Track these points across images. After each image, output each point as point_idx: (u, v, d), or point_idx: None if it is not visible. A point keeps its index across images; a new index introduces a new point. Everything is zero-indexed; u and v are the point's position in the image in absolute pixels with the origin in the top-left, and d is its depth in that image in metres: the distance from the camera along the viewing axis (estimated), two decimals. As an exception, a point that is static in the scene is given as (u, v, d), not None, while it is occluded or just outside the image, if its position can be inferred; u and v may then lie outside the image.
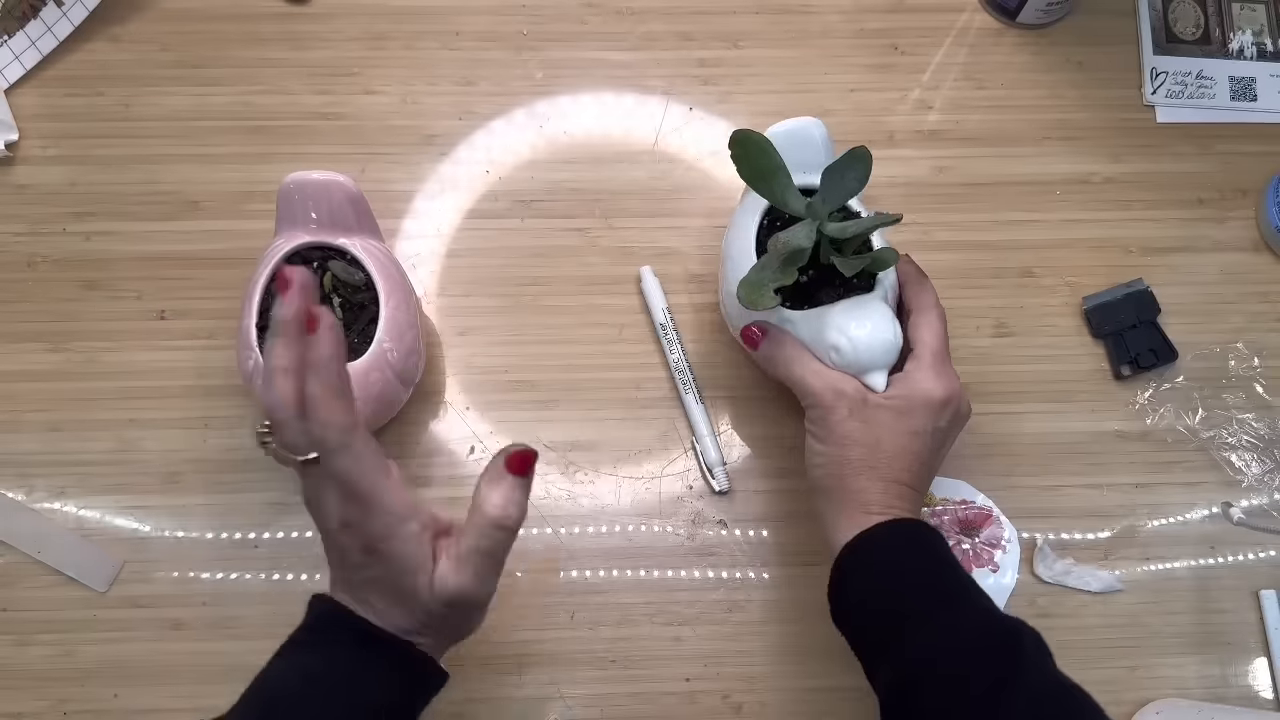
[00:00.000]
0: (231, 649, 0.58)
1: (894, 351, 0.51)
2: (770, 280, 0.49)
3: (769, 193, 0.52)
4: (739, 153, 0.51)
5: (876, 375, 0.51)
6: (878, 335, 0.51)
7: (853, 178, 0.51)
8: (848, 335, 0.51)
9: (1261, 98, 0.70)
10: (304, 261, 0.56)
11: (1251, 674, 0.60)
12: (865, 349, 0.51)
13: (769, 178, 0.52)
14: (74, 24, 0.68)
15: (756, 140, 0.51)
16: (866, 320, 0.51)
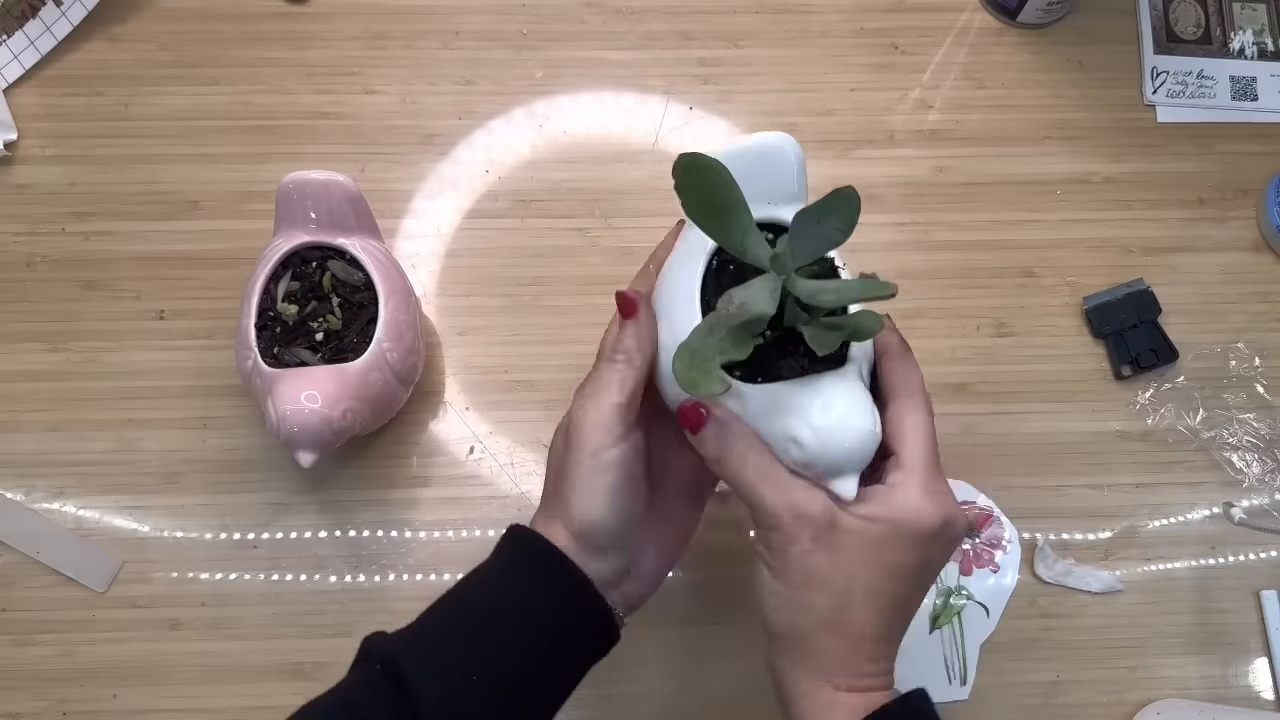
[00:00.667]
0: (230, 649, 0.58)
1: (869, 448, 0.39)
2: (717, 352, 0.38)
3: (723, 236, 0.40)
4: (684, 181, 0.39)
5: (846, 481, 0.39)
6: (850, 426, 0.38)
7: (835, 225, 0.39)
8: (811, 424, 0.38)
9: (1262, 97, 0.70)
10: (303, 261, 0.56)
11: (1252, 674, 0.60)
12: (834, 445, 0.38)
13: (724, 215, 0.40)
14: (73, 23, 0.68)
15: (709, 167, 0.39)
16: (836, 405, 0.38)
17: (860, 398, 0.39)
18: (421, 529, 0.60)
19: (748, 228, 0.40)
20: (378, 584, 0.59)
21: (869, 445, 0.39)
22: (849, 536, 0.39)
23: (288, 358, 0.55)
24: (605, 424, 0.41)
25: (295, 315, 0.55)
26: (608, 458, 0.41)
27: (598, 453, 0.41)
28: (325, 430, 0.52)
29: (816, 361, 0.40)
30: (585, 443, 0.41)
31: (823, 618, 0.39)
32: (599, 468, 0.41)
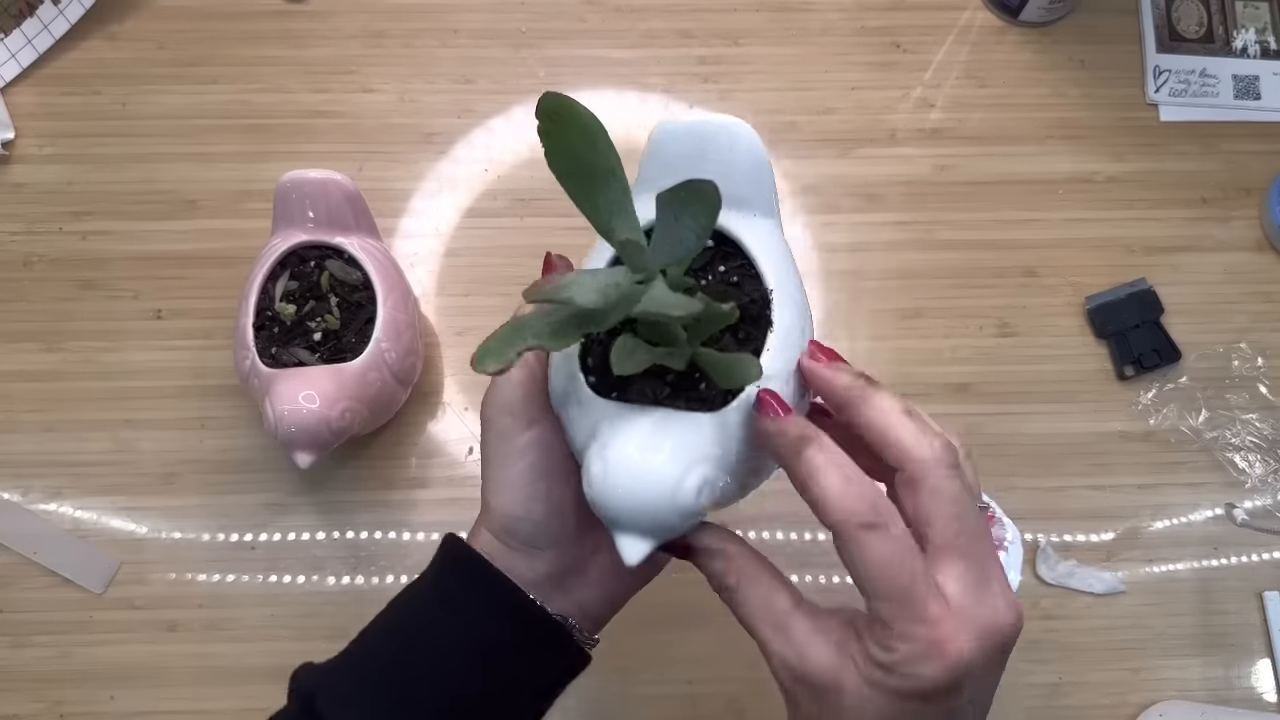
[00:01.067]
0: (228, 651, 0.58)
1: (662, 513, 0.30)
2: (533, 335, 0.29)
3: (588, 206, 0.32)
4: (550, 129, 0.31)
5: (627, 541, 0.31)
6: (645, 475, 0.30)
7: (687, 225, 0.30)
8: (604, 457, 0.30)
9: (1265, 96, 0.70)
10: (301, 260, 0.56)
11: (1255, 676, 0.60)
12: (615, 491, 0.30)
13: (592, 181, 0.32)
14: (70, 22, 0.68)
15: (580, 117, 0.31)
16: (641, 444, 0.30)
17: (684, 448, 0.30)
18: (420, 530, 0.60)
19: (619, 203, 0.32)
20: (376, 586, 0.59)
21: (662, 509, 0.30)
22: (857, 708, 0.30)
23: (285, 358, 0.54)
24: (510, 406, 0.37)
25: (293, 315, 0.55)
26: (520, 442, 0.36)
27: (508, 437, 0.37)
28: (323, 431, 0.52)
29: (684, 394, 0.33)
30: (493, 429, 0.37)
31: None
32: (510, 454, 0.37)
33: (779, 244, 0.35)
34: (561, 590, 0.38)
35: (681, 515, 0.30)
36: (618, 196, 0.32)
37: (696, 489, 0.30)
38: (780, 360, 0.33)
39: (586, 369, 0.34)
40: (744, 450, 0.32)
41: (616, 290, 0.30)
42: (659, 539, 0.31)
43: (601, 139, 0.31)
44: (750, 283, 0.34)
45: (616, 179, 0.32)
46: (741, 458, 0.32)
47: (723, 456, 0.31)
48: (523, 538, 0.37)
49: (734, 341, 0.34)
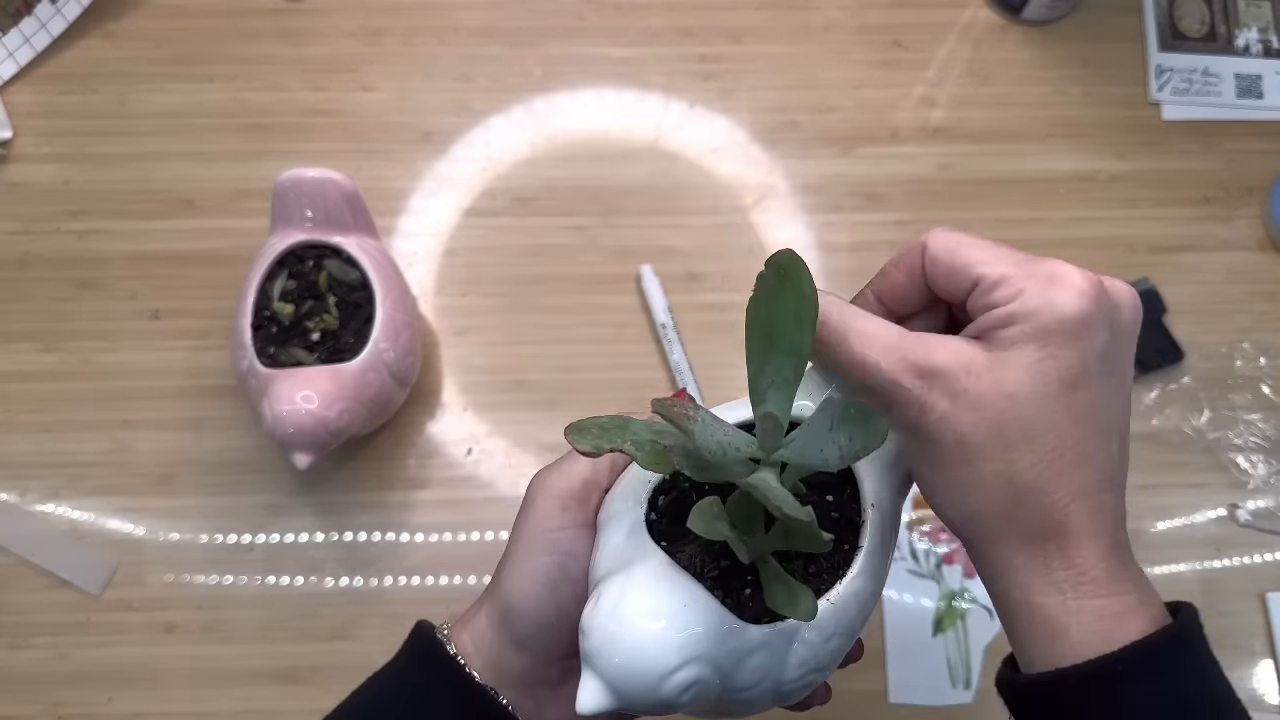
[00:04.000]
0: (226, 653, 0.58)
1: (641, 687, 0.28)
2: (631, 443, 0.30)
3: (754, 364, 0.30)
4: (770, 280, 0.30)
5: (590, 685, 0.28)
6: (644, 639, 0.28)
7: (838, 441, 0.28)
8: (623, 596, 0.29)
9: (1268, 95, 0.69)
10: (299, 260, 0.56)
11: (1257, 677, 0.60)
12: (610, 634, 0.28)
13: (771, 349, 0.30)
14: (68, 21, 0.68)
15: (801, 283, 0.29)
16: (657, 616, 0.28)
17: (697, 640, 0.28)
18: (419, 531, 0.60)
19: (784, 383, 0.30)
20: (374, 587, 0.59)
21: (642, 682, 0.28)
22: (996, 371, 0.29)
23: (283, 358, 0.54)
24: (565, 495, 0.35)
25: (291, 315, 0.55)
26: (557, 536, 0.34)
27: (547, 525, 0.34)
28: (321, 431, 0.52)
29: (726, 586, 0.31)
30: (534, 512, 0.35)
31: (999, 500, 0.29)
32: (542, 544, 0.34)
33: (893, 511, 0.34)
34: (532, 698, 0.36)
35: (657, 700, 0.28)
36: (788, 375, 0.30)
37: (685, 685, 0.28)
38: (833, 617, 0.31)
39: (654, 503, 0.33)
40: (747, 679, 0.30)
41: (734, 454, 0.29)
42: (621, 706, 0.28)
43: (809, 315, 0.30)
44: (845, 529, 0.33)
45: (799, 360, 0.30)
46: (739, 682, 0.30)
47: (727, 670, 0.29)
48: (519, 633, 0.35)
49: (802, 570, 0.32)
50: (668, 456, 0.29)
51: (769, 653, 0.30)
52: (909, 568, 0.60)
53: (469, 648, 0.36)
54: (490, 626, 0.36)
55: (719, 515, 0.29)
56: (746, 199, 0.66)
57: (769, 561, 0.30)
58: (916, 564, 0.60)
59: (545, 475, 0.36)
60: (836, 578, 0.31)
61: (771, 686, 0.31)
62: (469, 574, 0.59)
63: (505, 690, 0.35)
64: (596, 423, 0.30)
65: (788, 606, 0.29)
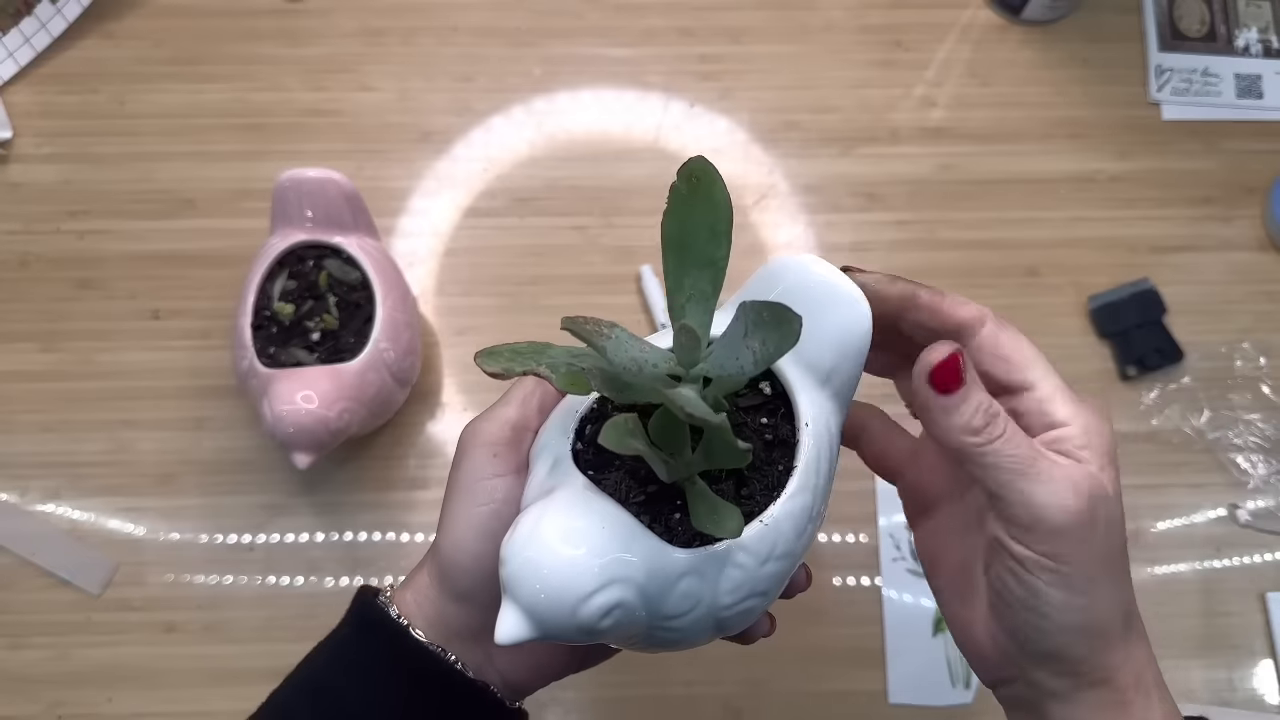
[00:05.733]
0: (226, 653, 0.58)
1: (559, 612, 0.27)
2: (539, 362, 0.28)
3: (671, 273, 0.30)
4: (684, 190, 0.29)
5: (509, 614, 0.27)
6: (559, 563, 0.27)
7: (751, 346, 0.27)
8: (538, 524, 0.28)
9: (1268, 95, 0.69)
10: (299, 260, 0.56)
11: (1257, 678, 0.60)
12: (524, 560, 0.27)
13: (687, 263, 0.30)
14: (68, 21, 0.68)
15: (714, 192, 0.30)
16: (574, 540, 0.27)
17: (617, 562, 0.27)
18: (419, 531, 0.60)
19: (701, 298, 0.30)
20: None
21: (560, 607, 0.27)
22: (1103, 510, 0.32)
23: (284, 358, 0.54)
24: (494, 441, 0.34)
25: (291, 315, 0.55)
26: (491, 484, 0.34)
27: (480, 474, 0.34)
28: (321, 431, 0.52)
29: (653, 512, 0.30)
30: (468, 460, 0.34)
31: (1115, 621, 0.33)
32: (477, 493, 0.34)
33: (830, 432, 0.33)
34: (480, 649, 0.36)
35: (577, 626, 0.27)
36: (704, 288, 0.30)
37: (605, 609, 0.27)
38: (767, 539, 0.30)
39: (580, 434, 0.32)
40: (676, 606, 0.29)
41: (651, 369, 0.27)
42: (541, 635, 0.27)
43: (724, 225, 0.30)
44: (780, 450, 0.31)
45: (715, 271, 0.30)
46: (668, 609, 0.29)
47: (652, 594, 0.28)
48: (460, 587, 0.34)
49: (733, 492, 0.31)
50: (585, 377, 0.28)
51: (699, 577, 0.29)
52: (909, 567, 0.60)
53: (412, 607, 0.35)
54: (431, 583, 0.35)
55: (633, 430, 0.27)
56: (747, 199, 0.66)
57: (696, 482, 0.29)
58: (916, 564, 0.60)
59: (475, 424, 0.35)
60: (771, 499, 0.30)
61: (706, 613, 0.30)
62: (469, 574, 0.59)
63: (452, 644, 0.35)
64: (511, 348, 0.28)
65: (712, 525, 0.28)
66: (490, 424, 0.34)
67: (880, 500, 0.61)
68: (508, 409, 0.35)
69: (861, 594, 0.59)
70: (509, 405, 0.35)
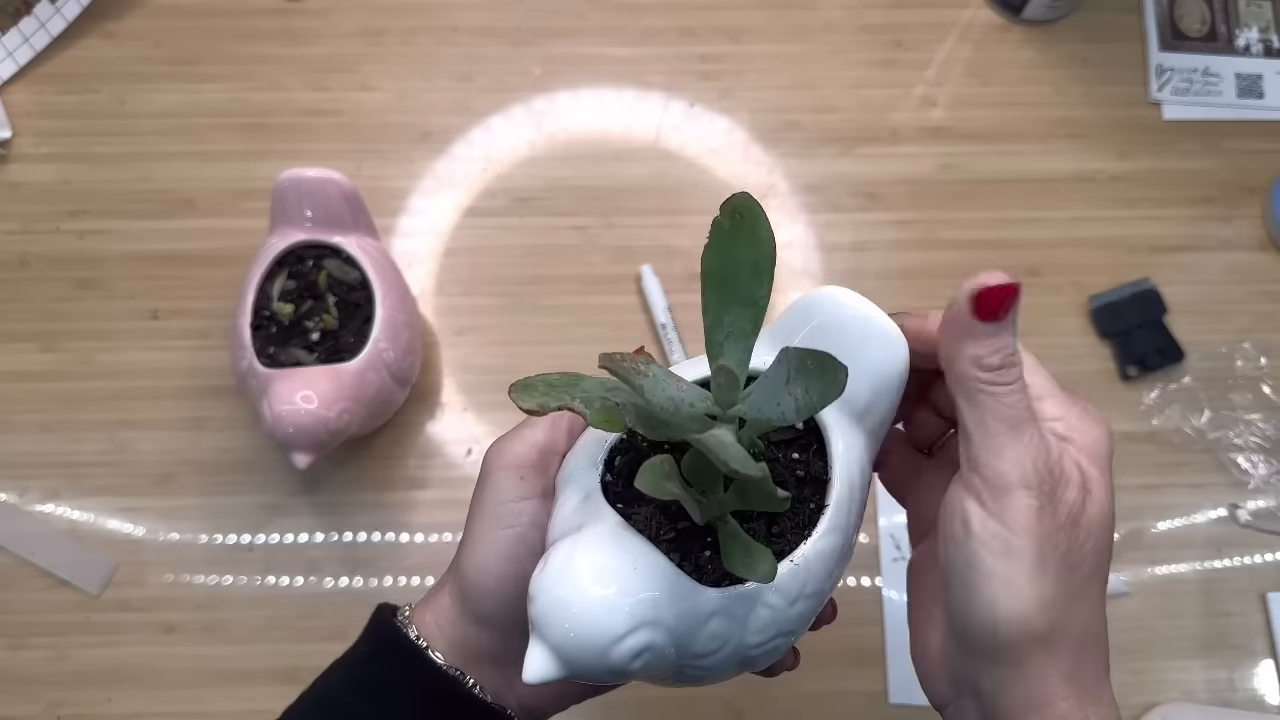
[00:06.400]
0: (225, 653, 0.58)
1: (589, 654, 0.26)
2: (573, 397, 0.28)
3: (709, 317, 0.30)
4: (727, 226, 0.29)
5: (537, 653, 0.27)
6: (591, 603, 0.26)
7: (795, 394, 0.27)
8: (570, 560, 0.27)
9: (1268, 95, 0.69)
10: (298, 260, 0.56)
11: (1258, 678, 0.59)
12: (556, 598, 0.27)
13: (727, 300, 0.30)
14: (68, 20, 0.68)
15: (758, 229, 0.29)
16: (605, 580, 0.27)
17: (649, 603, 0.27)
18: (419, 531, 0.60)
19: (740, 335, 0.29)
20: (374, 588, 0.59)
21: (590, 648, 0.26)
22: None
23: (283, 358, 0.54)
24: (521, 464, 0.33)
25: (291, 314, 0.55)
26: (517, 508, 0.33)
27: (505, 497, 0.33)
28: (321, 431, 0.51)
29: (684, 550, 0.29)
30: (494, 483, 0.34)
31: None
32: (502, 516, 0.33)
33: (863, 470, 0.32)
34: (505, 678, 0.35)
35: (607, 668, 0.26)
36: (745, 327, 0.29)
37: (636, 651, 0.26)
38: (798, 579, 0.29)
39: (610, 465, 0.31)
40: (705, 645, 0.29)
41: (688, 410, 0.27)
42: (569, 674, 0.27)
43: (766, 264, 0.29)
44: (811, 487, 0.31)
45: (756, 310, 0.29)
46: (696, 648, 0.29)
47: (682, 634, 0.28)
48: (482, 610, 0.34)
49: (764, 530, 0.31)
50: (619, 414, 0.28)
51: (728, 618, 0.29)
52: (909, 568, 0.60)
53: (432, 628, 0.35)
54: (453, 605, 0.35)
55: (669, 474, 0.27)
56: (747, 199, 0.66)
57: (728, 522, 0.29)
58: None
59: (501, 444, 0.34)
60: (801, 538, 0.30)
61: (733, 652, 0.30)
62: (469, 574, 0.59)
63: (471, 668, 0.34)
64: (545, 380, 0.28)
65: (745, 569, 0.28)
66: (518, 445, 0.34)
67: (880, 501, 0.61)
68: (535, 431, 0.34)
69: (862, 594, 0.59)
70: (537, 428, 0.34)
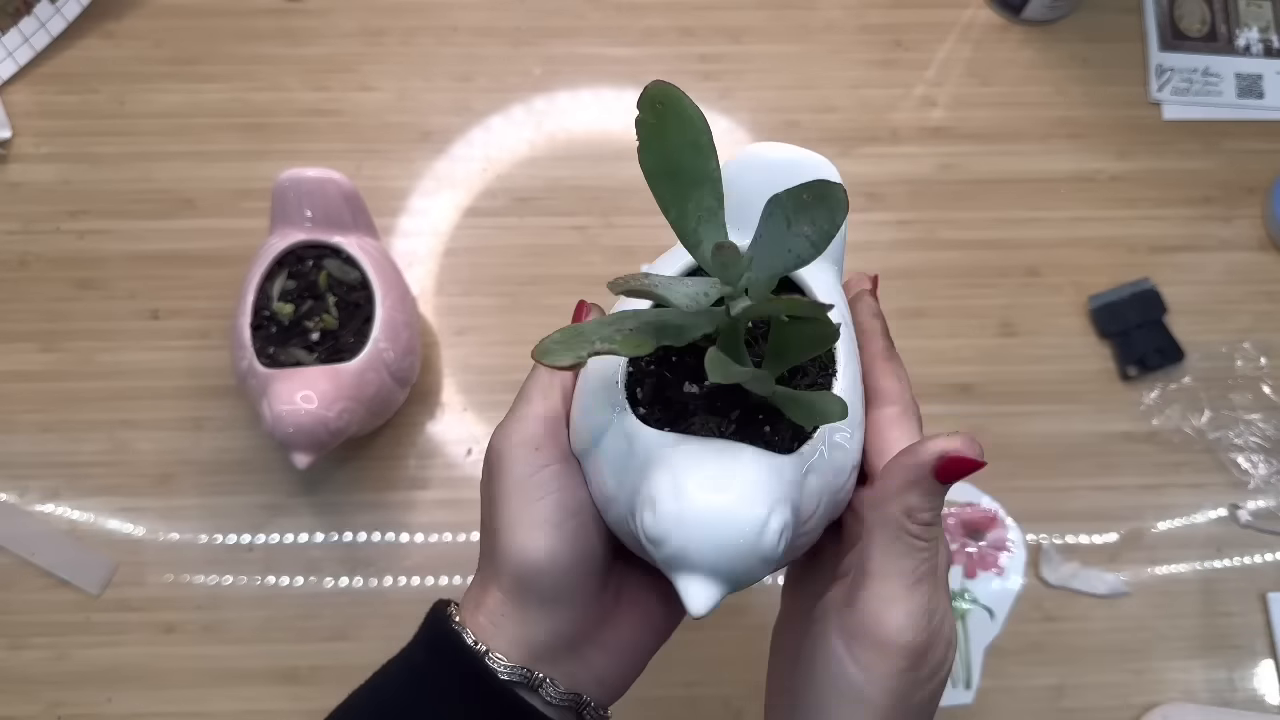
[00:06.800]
0: (225, 653, 0.58)
1: (745, 557, 0.27)
2: (602, 339, 0.27)
3: (676, 210, 0.29)
4: (650, 120, 0.29)
5: (695, 582, 0.27)
6: (726, 506, 0.26)
7: (803, 232, 0.27)
8: (680, 489, 0.27)
9: (1268, 95, 0.69)
10: (298, 260, 0.56)
11: (1258, 678, 0.59)
12: (695, 523, 0.26)
13: (684, 183, 0.29)
14: (68, 20, 0.68)
15: (688, 111, 0.29)
16: (721, 474, 0.27)
17: (764, 487, 0.27)
18: (419, 531, 0.60)
19: (710, 214, 0.29)
20: (374, 588, 0.59)
21: (744, 552, 0.26)
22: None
23: (283, 358, 0.54)
24: (533, 440, 0.32)
25: (291, 314, 0.55)
26: (544, 476, 0.32)
27: (529, 472, 0.32)
28: (321, 431, 0.51)
29: (748, 436, 0.30)
30: (509, 463, 0.32)
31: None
32: (533, 489, 0.32)
33: (842, 298, 0.34)
34: (579, 659, 0.33)
35: (764, 561, 0.27)
36: (710, 204, 0.29)
37: (779, 531, 0.27)
38: (852, 407, 0.30)
39: (633, 401, 0.31)
40: (809, 505, 0.30)
41: (705, 298, 0.27)
42: (731, 587, 0.27)
43: (705, 138, 0.29)
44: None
45: (713, 184, 0.29)
46: (804, 513, 0.29)
47: (796, 502, 0.28)
48: (542, 591, 0.32)
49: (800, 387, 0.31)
50: (644, 337, 0.27)
51: (817, 472, 0.30)
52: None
53: (488, 630, 0.32)
54: (507, 600, 0.32)
55: (727, 360, 0.27)
56: (747, 199, 0.66)
57: (778, 390, 0.29)
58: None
59: (503, 430, 0.33)
60: (830, 375, 0.31)
61: (828, 502, 0.31)
62: (469, 574, 0.59)
63: (539, 663, 0.32)
64: (554, 341, 0.28)
65: (821, 416, 0.28)
66: (520, 424, 0.33)
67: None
68: (531, 406, 0.33)
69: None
70: (531, 402, 0.33)
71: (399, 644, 0.38)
